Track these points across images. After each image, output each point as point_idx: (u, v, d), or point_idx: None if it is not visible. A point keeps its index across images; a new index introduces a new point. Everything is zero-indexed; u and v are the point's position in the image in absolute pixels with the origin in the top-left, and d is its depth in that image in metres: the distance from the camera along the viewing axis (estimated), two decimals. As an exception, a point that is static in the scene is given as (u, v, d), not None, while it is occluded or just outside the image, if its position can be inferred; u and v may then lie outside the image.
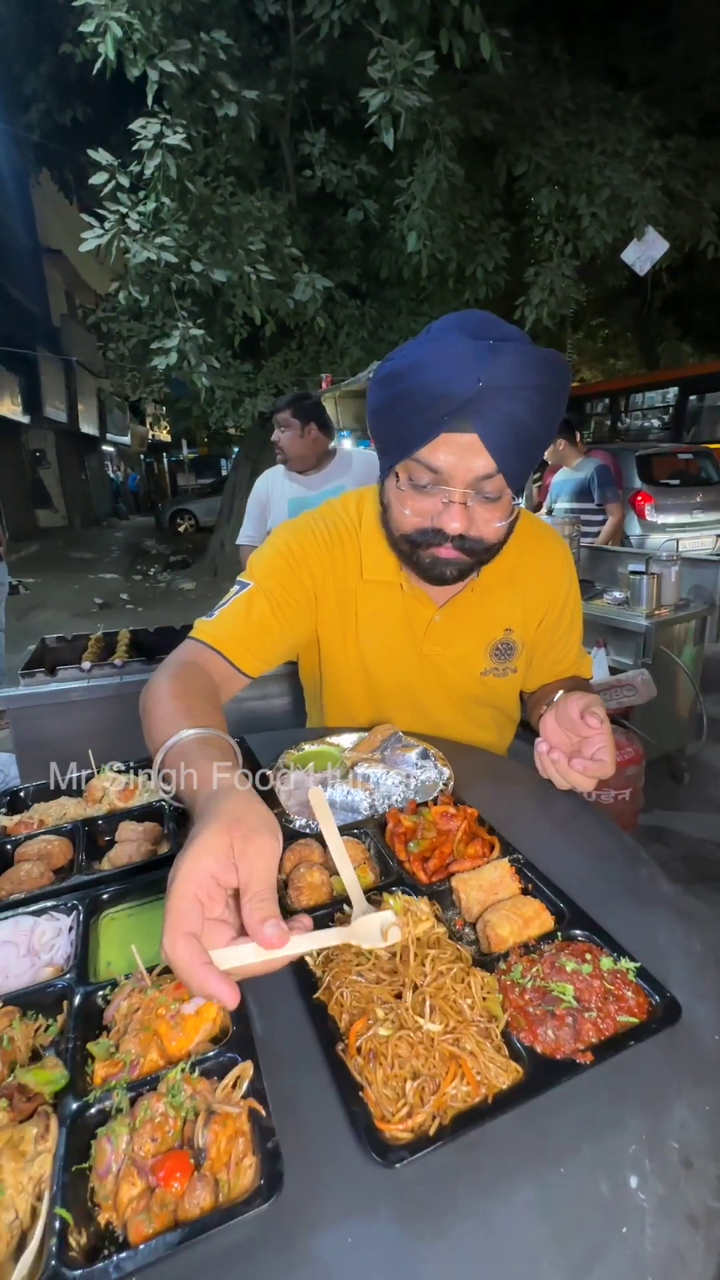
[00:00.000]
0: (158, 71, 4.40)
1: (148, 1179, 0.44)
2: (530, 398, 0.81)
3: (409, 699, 1.13)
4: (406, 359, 0.84)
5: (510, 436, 0.82)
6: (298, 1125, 0.50)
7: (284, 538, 1.08)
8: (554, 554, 1.13)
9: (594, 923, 0.65)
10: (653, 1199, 0.44)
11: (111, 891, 0.74)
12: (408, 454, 0.86)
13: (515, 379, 0.79)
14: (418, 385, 0.82)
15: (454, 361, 0.79)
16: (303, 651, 1.18)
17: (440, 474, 0.85)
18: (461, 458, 0.83)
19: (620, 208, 5.63)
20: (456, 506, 0.86)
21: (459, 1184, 0.46)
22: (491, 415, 0.81)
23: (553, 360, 0.83)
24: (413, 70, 4.36)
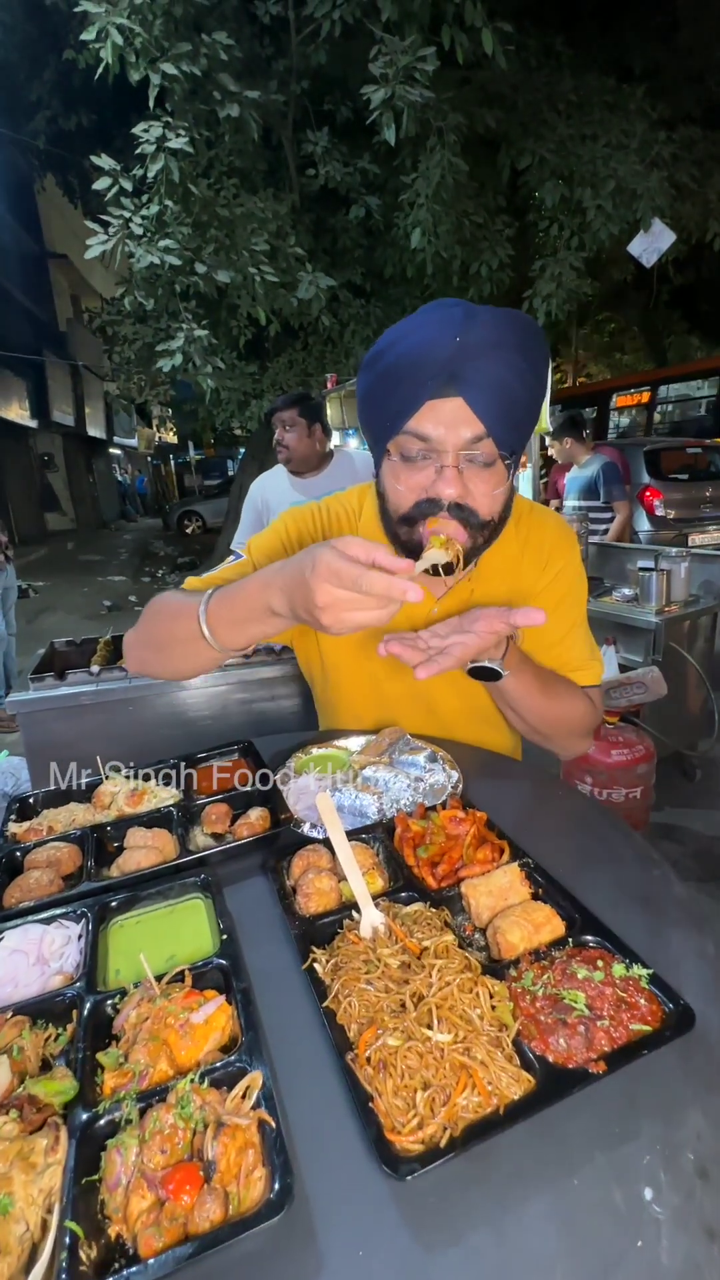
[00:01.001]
0: (159, 75, 4.40)
1: (157, 1192, 0.44)
2: (511, 359, 0.82)
3: (415, 696, 1.12)
4: (387, 338, 0.87)
5: (496, 400, 0.83)
6: (308, 1136, 0.50)
7: (284, 521, 1.11)
8: (556, 547, 1.08)
9: (605, 928, 0.64)
10: (668, 1210, 0.44)
11: (120, 899, 0.74)
12: (398, 428, 0.87)
13: (493, 336, 0.81)
14: (399, 356, 0.84)
15: (431, 325, 0.82)
16: (296, 641, 1.18)
17: (430, 442, 0.86)
18: (449, 423, 0.84)
19: (626, 200, 5.57)
20: (450, 470, 0.86)
21: (471, 1195, 0.45)
22: (475, 378, 0.82)
23: (525, 320, 0.86)
24: (414, 66, 4.34)
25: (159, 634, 0.93)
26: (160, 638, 0.93)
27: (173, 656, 0.92)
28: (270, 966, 0.66)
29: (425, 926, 0.65)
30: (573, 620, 1.08)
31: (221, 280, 5.02)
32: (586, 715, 1.05)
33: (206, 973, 0.63)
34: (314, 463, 2.74)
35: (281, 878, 0.77)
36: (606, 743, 2.61)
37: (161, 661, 0.95)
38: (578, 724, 1.05)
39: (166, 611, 0.92)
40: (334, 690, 1.18)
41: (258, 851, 0.84)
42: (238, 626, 0.80)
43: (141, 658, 0.99)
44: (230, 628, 0.81)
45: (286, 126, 5.97)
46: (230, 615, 0.81)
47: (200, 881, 0.77)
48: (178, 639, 0.88)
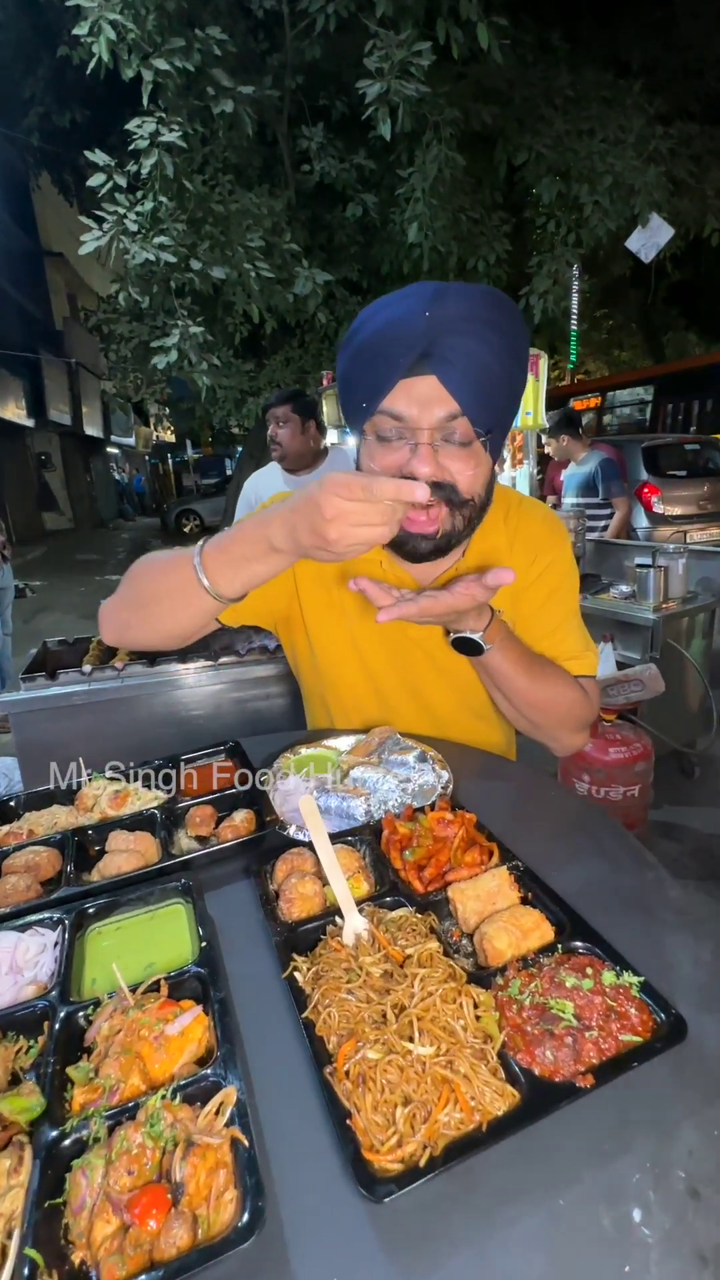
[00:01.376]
0: (152, 70, 4.37)
1: (123, 1216, 0.42)
2: (484, 333, 0.81)
3: (408, 688, 1.11)
4: (360, 318, 0.87)
5: (470, 377, 0.82)
6: (284, 1154, 0.48)
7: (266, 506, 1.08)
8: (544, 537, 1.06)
9: (596, 934, 0.62)
10: (658, 1233, 0.42)
11: (99, 905, 0.72)
12: (373, 409, 0.86)
13: (464, 311, 0.80)
14: (372, 334, 0.84)
15: (401, 302, 0.82)
16: (281, 626, 1.15)
17: (404, 421, 0.84)
18: (423, 402, 0.83)
19: (623, 195, 5.54)
20: (425, 448, 0.84)
21: (453, 1217, 0.43)
22: (448, 355, 0.80)
23: (497, 295, 0.85)
24: (410, 61, 4.31)
25: (144, 591, 0.90)
26: (145, 595, 0.89)
27: (159, 613, 0.88)
28: (250, 974, 0.64)
29: (410, 933, 0.63)
30: (565, 612, 1.06)
31: (217, 277, 5.00)
32: (579, 704, 1.01)
33: (184, 981, 0.61)
34: (308, 459, 2.72)
35: (265, 882, 0.75)
36: (604, 741, 2.59)
37: (145, 621, 0.90)
38: (569, 712, 1.01)
39: (153, 568, 0.90)
40: (327, 686, 1.16)
41: (242, 855, 0.82)
42: (235, 567, 0.79)
43: (123, 621, 0.94)
44: (227, 569, 0.79)
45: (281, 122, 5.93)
46: (227, 556, 0.79)
47: (181, 886, 0.75)
48: (167, 591, 0.85)
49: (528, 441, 4.31)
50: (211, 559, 0.80)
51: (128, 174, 4.63)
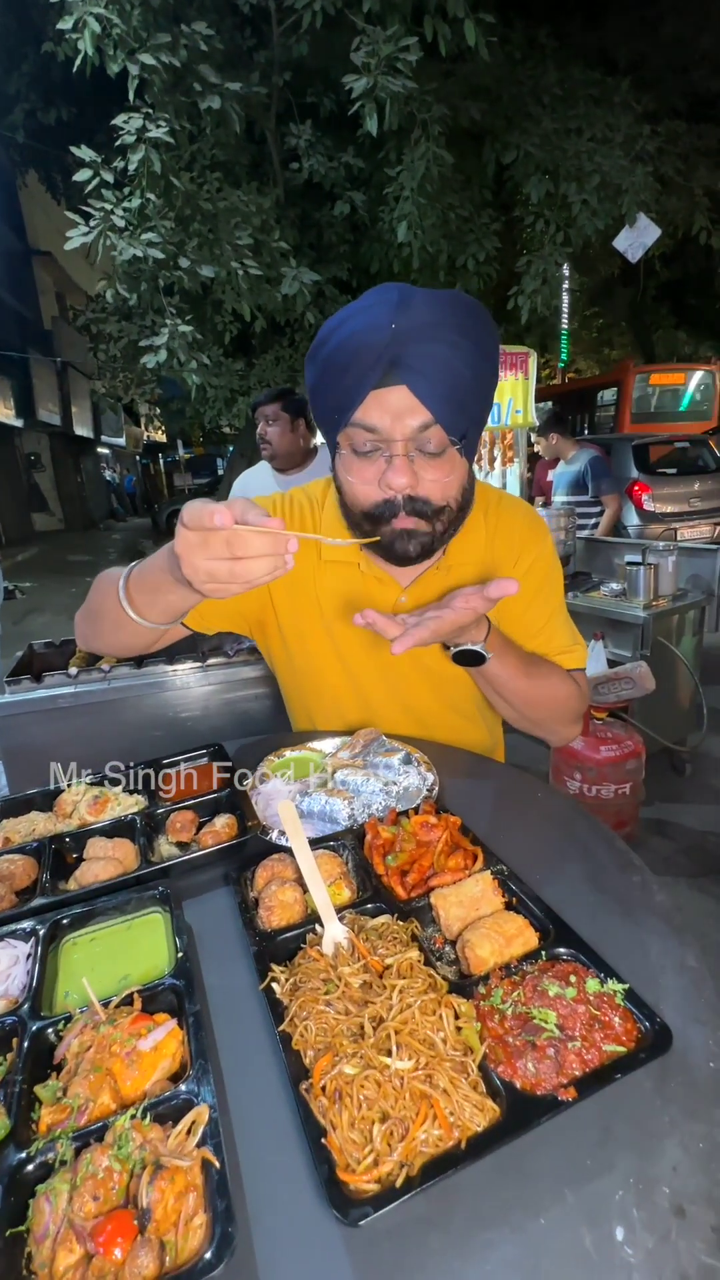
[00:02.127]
0: (138, 66, 4.33)
1: (86, 1245, 0.40)
2: (451, 338, 0.80)
3: (390, 688, 1.09)
4: (326, 328, 0.85)
5: (440, 385, 0.81)
6: (257, 1175, 0.46)
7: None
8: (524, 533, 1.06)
9: (581, 940, 0.61)
10: (640, 1253, 0.40)
11: (74, 915, 0.70)
12: (345, 420, 0.85)
13: (430, 317, 0.79)
14: (337, 346, 0.82)
15: (366, 312, 0.81)
16: (256, 631, 1.14)
17: (378, 432, 0.83)
18: (395, 413, 0.82)
19: (611, 194, 5.55)
20: (399, 460, 0.84)
21: (430, 1239, 0.42)
22: (415, 363, 0.80)
23: (464, 300, 0.83)
24: (396, 56, 4.29)
25: (93, 607, 0.91)
26: (94, 610, 0.91)
27: (106, 629, 0.89)
28: (228, 985, 0.62)
29: (391, 941, 0.61)
30: (552, 608, 1.06)
31: (205, 275, 4.96)
32: (573, 698, 1.03)
33: (159, 994, 0.60)
34: (297, 458, 2.70)
35: (245, 889, 0.73)
36: (595, 739, 2.58)
37: (99, 634, 0.93)
38: (565, 707, 1.03)
39: (102, 585, 0.90)
40: (308, 689, 1.15)
41: (222, 861, 0.80)
42: (151, 596, 0.78)
43: (83, 632, 0.97)
44: (145, 597, 0.79)
45: (269, 119, 5.90)
46: (143, 585, 0.79)
47: (159, 895, 0.73)
48: (108, 611, 0.85)
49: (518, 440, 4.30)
50: (133, 586, 0.80)
51: (115, 170, 4.59)
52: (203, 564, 0.62)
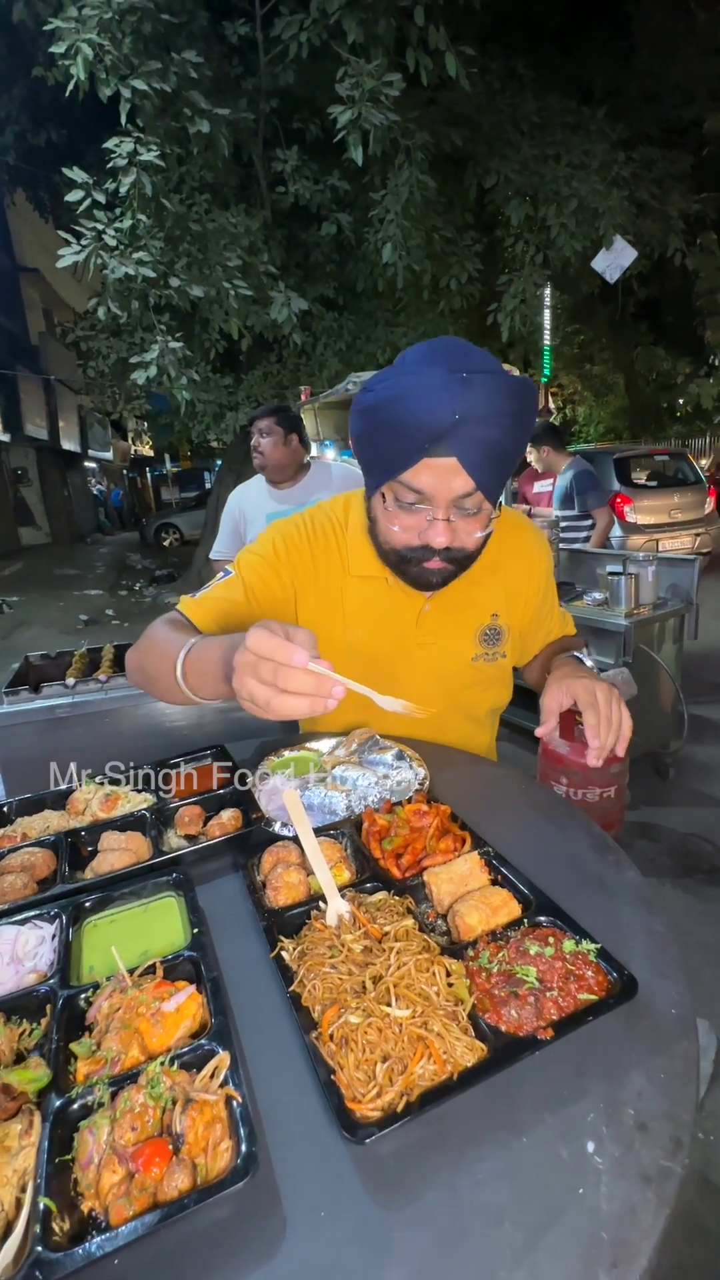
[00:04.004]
0: (130, 90, 4.46)
1: (128, 1165, 0.46)
2: (504, 423, 0.87)
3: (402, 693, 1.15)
4: (386, 392, 0.88)
5: (486, 457, 0.88)
6: (274, 1110, 0.52)
7: (271, 535, 1.14)
8: (527, 541, 1.20)
9: (559, 908, 0.67)
10: (609, 1161, 0.47)
11: (94, 899, 0.76)
12: (391, 476, 0.91)
13: (488, 408, 0.84)
14: (398, 418, 0.86)
15: (431, 395, 0.84)
16: None
17: (423, 495, 0.91)
18: (442, 479, 0.89)
19: (588, 217, 5.76)
20: (440, 524, 0.92)
21: (428, 1157, 0.48)
22: (468, 440, 0.86)
23: (521, 386, 0.88)
24: (380, 90, 4.45)
25: (149, 666, 0.96)
26: (149, 669, 0.96)
27: (159, 689, 0.95)
28: (241, 958, 0.68)
29: (388, 913, 0.68)
30: (554, 600, 1.26)
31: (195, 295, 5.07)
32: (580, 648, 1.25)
33: (178, 965, 0.65)
34: (290, 472, 2.77)
35: (252, 873, 0.80)
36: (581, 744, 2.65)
37: (151, 689, 0.99)
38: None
39: (158, 646, 0.95)
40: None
41: (229, 850, 0.86)
42: (204, 680, 0.84)
43: (137, 680, 1.04)
44: (199, 680, 0.85)
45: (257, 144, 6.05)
46: (199, 668, 0.84)
47: (173, 880, 0.79)
48: (161, 675, 0.91)
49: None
50: (190, 667, 0.85)
51: (106, 191, 4.69)
52: (248, 684, 0.64)
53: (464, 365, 0.85)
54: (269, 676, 0.63)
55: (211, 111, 4.85)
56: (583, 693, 0.96)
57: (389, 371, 0.92)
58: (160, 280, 4.93)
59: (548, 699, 1.02)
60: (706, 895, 2.52)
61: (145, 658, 0.98)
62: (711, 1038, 1.91)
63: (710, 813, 3.03)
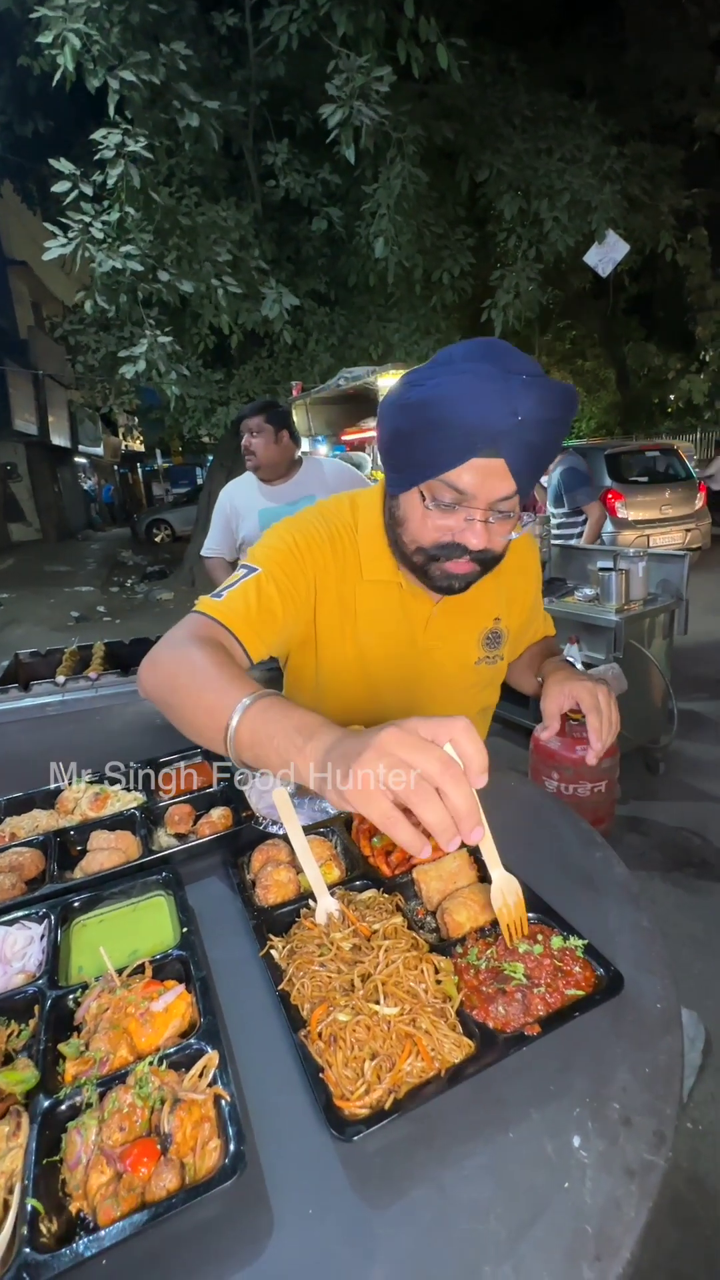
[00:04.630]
0: (118, 81, 4.41)
1: (116, 1166, 0.46)
2: (551, 430, 0.87)
3: (406, 695, 1.16)
4: (438, 389, 0.85)
5: (530, 462, 0.88)
6: (263, 1108, 0.52)
7: (289, 531, 1.08)
8: (521, 542, 1.21)
9: (546, 905, 0.68)
10: (593, 1155, 0.47)
11: (83, 899, 0.76)
12: (433, 475, 0.90)
13: (543, 414, 0.84)
14: (454, 416, 0.84)
15: (490, 396, 0.82)
16: (295, 651, 1.17)
17: (465, 495, 0.90)
18: (487, 481, 0.88)
19: (581, 211, 5.76)
20: (478, 525, 0.91)
21: (415, 1154, 0.49)
22: (519, 443, 0.85)
23: (571, 396, 0.88)
24: (371, 85, 4.42)
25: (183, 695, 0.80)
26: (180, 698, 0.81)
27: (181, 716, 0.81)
28: (230, 957, 0.68)
29: (378, 911, 0.68)
30: (540, 598, 1.28)
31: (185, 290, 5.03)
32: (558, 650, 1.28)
33: (167, 964, 0.65)
34: (282, 469, 2.76)
35: (242, 872, 0.80)
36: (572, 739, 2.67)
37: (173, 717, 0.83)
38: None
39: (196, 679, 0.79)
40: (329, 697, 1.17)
41: (219, 849, 0.86)
42: (255, 753, 0.70)
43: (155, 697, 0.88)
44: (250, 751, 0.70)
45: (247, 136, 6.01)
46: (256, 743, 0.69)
47: (162, 879, 0.79)
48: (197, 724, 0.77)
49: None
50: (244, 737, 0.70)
51: (93, 183, 4.64)
52: (377, 797, 0.56)
53: (520, 367, 0.84)
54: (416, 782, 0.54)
55: (201, 104, 4.80)
56: (586, 696, 0.99)
57: (434, 368, 0.89)
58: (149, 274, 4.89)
59: (549, 703, 1.04)
60: (696, 889, 2.54)
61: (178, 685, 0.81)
62: (700, 1029, 1.94)
63: (700, 807, 3.06)
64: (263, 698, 0.72)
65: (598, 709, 0.98)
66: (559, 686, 1.03)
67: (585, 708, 0.99)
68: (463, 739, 0.57)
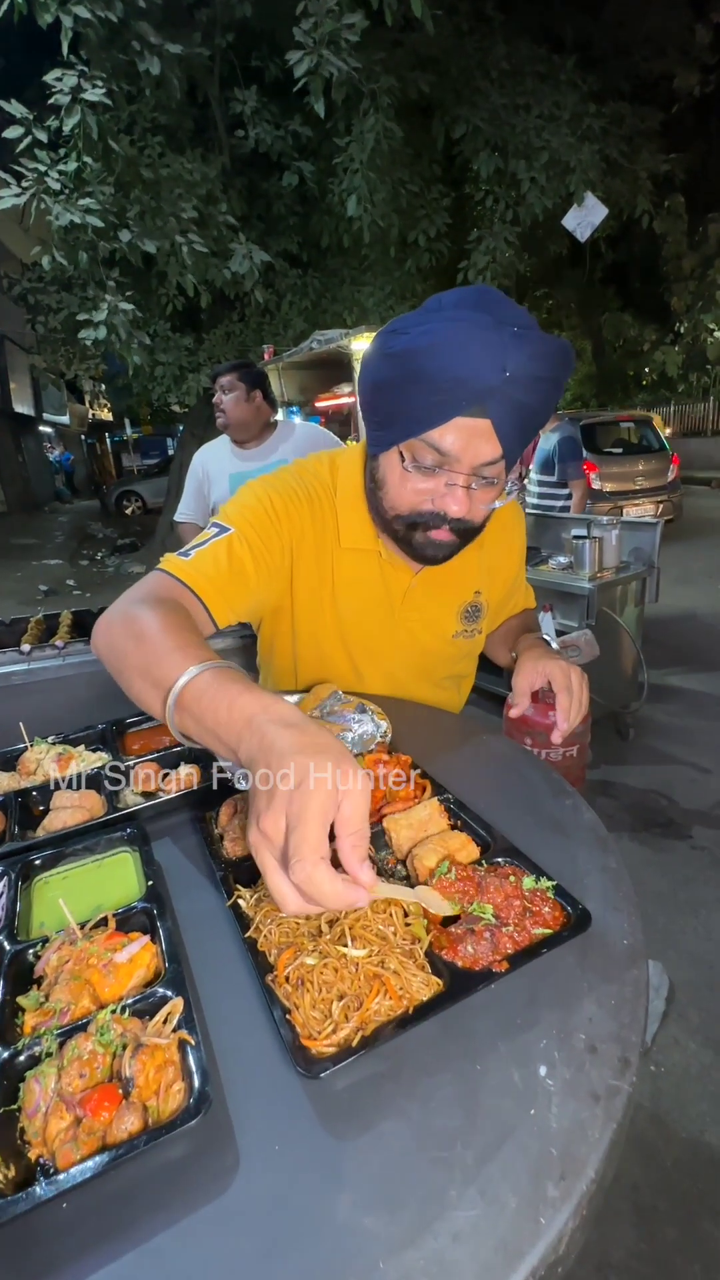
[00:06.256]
0: (71, 18, 4.13)
1: (76, 1111, 0.45)
2: (543, 389, 0.82)
3: (378, 661, 1.14)
4: (425, 337, 0.79)
5: (518, 424, 0.83)
6: (230, 1052, 0.52)
7: (265, 490, 1.02)
8: (509, 515, 1.17)
9: (516, 849, 0.68)
10: (559, 1082, 0.48)
11: (45, 856, 0.74)
12: (415, 434, 0.85)
13: (535, 370, 0.79)
14: (439, 368, 0.78)
15: (479, 346, 0.77)
16: (268, 618, 1.14)
17: (448, 457, 0.85)
18: (471, 442, 0.83)
19: (559, 172, 5.64)
20: (460, 490, 0.86)
21: (383, 1088, 0.48)
22: (506, 402, 0.80)
23: (565, 353, 0.83)
24: (340, 32, 4.21)
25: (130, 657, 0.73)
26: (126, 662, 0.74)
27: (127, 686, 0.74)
28: (198, 909, 0.67)
29: (347, 859, 0.67)
30: (524, 572, 1.26)
31: (148, 248, 4.81)
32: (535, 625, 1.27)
33: (131, 917, 0.64)
34: (254, 430, 2.68)
35: (209, 826, 0.78)
36: (545, 705, 2.71)
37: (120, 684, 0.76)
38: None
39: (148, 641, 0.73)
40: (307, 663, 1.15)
41: (187, 806, 0.85)
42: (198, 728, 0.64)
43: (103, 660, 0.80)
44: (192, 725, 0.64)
45: (213, 83, 5.72)
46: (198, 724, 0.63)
47: (128, 835, 0.77)
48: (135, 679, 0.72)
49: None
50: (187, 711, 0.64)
51: (49, 130, 4.38)
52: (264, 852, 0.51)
53: (514, 318, 0.78)
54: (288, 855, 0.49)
55: (162, 47, 4.53)
56: (559, 675, 0.98)
57: (421, 315, 0.84)
58: (109, 231, 4.65)
59: (521, 680, 1.02)
60: (661, 847, 2.62)
61: (129, 648, 0.74)
62: (664, 979, 2.01)
63: (667, 770, 3.14)
64: (207, 672, 0.65)
65: (569, 689, 0.98)
66: (533, 664, 1.02)
67: (557, 687, 0.98)
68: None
